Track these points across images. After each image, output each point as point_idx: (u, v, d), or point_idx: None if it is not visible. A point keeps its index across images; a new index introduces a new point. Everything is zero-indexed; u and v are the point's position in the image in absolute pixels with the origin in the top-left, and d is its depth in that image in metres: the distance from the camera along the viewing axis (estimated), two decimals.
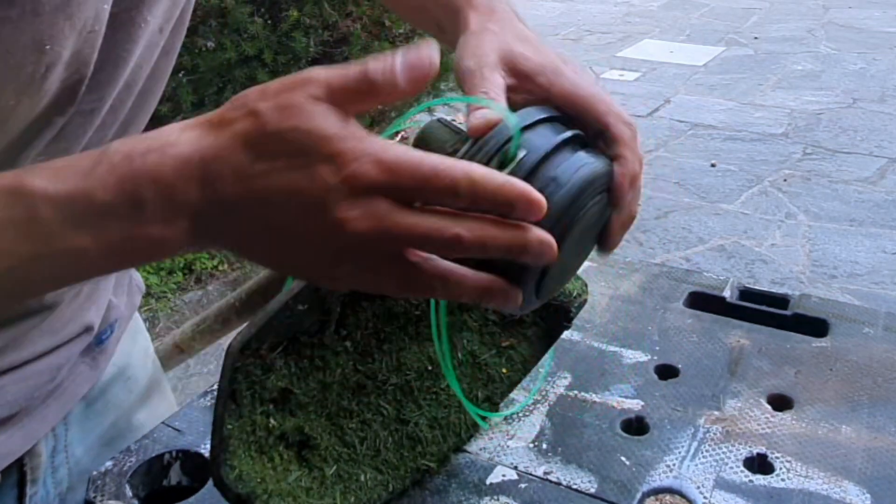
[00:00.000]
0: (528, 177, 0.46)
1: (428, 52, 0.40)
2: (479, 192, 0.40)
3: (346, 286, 0.45)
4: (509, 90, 0.51)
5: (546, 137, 0.47)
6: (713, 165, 3.91)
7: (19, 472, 0.66)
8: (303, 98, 0.39)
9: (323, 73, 0.40)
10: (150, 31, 0.53)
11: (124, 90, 0.54)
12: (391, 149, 0.39)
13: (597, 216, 0.51)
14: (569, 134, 0.49)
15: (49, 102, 0.47)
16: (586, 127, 0.51)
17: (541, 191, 0.44)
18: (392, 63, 0.40)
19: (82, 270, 0.42)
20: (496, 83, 0.50)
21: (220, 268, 2.85)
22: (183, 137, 0.40)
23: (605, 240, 0.53)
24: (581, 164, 0.47)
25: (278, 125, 0.38)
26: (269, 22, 2.71)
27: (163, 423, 0.74)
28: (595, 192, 0.49)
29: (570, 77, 0.52)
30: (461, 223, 0.41)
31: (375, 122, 3.34)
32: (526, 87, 0.52)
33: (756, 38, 6.24)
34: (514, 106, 0.50)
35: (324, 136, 0.38)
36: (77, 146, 0.54)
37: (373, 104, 0.41)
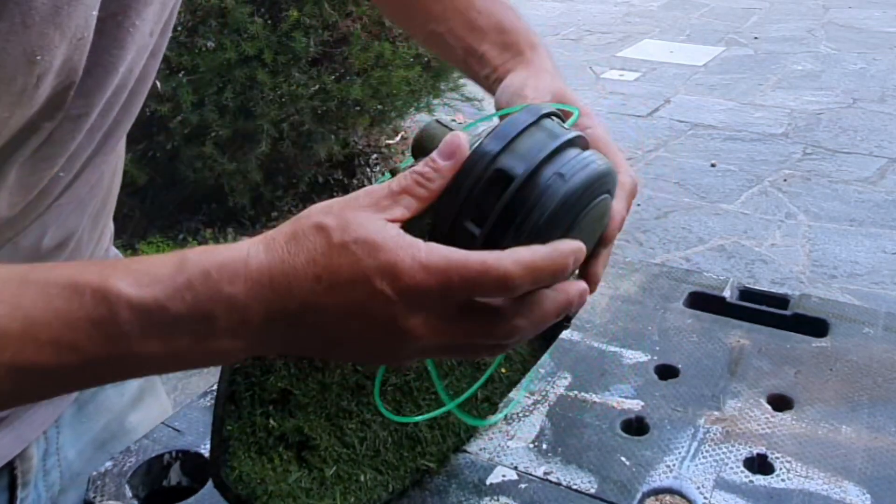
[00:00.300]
0: (535, 172, 0.45)
1: (457, 136, 0.45)
2: (537, 276, 0.43)
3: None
4: None
5: (551, 135, 0.47)
6: (713, 165, 3.91)
7: (10, 475, 0.65)
8: (365, 212, 0.42)
9: (384, 187, 0.44)
10: (140, 35, 0.53)
11: (114, 94, 0.54)
12: (435, 255, 0.41)
13: (599, 216, 0.51)
14: (574, 134, 0.49)
15: (38, 110, 0.47)
16: None
17: (545, 185, 0.45)
18: (433, 158, 0.45)
19: (144, 371, 0.44)
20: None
21: None
22: (253, 258, 0.42)
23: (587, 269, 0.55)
24: (587, 163, 0.47)
25: (342, 238, 0.41)
26: (269, 22, 2.71)
27: (163, 423, 0.74)
28: (599, 190, 0.49)
29: (601, 128, 0.58)
30: (517, 316, 0.44)
31: (375, 123, 3.35)
32: None
33: (756, 38, 6.24)
34: None
35: (379, 247, 0.41)
36: (65, 151, 0.53)
37: (420, 199, 0.44)
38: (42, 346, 0.39)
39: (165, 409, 0.84)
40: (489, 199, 0.45)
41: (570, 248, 0.44)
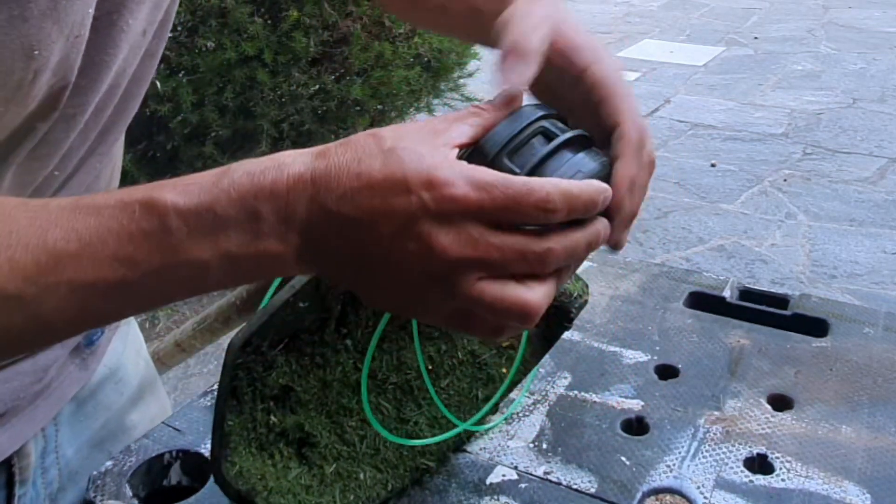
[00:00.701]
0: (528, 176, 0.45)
1: (515, 92, 0.46)
2: (573, 203, 0.43)
3: (436, 320, 0.46)
4: (546, 62, 0.52)
5: (534, 147, 0.47)
6: (713, 165, 3.91)
7: (8, 472, 0.65)
8: (421, 127, 0.43)
9: (438, 117, 0.45)
10: (133, 34, 0.53)
11: (107, 94, 0.54)
12: (481, 171, 0.42)
13: None
14: (569, 135, 0.48)
15: (33, 109, 0.47)
16: (601, 119, 0.51)
17: None
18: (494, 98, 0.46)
19: (202, 282, 0.43)
20: (535, 49, 0.51)
21: None
22: (298, 159, 0.42)
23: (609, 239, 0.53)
24: (577, 171, 0.47)
25: (392, 144, 0.42)
26: (269, 22, 2.71)
27: (163, 422, 0.74)
28: None
29: (606, 65, 0.53)
30: (550, 237, 0.43)
31: (375, 123, 3.34)
32: (561, 63, 0.53)
33: (756, 38, 6.24)
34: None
35: (421, 160, 0.41)
36: (58, 151, 0.53)
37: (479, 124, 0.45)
38: (99, 263, 0.41)
39: (165, 408, 0.84)
40: None
41: (602, 186, 0.45)
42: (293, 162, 0.42)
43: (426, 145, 0.42)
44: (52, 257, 0.40)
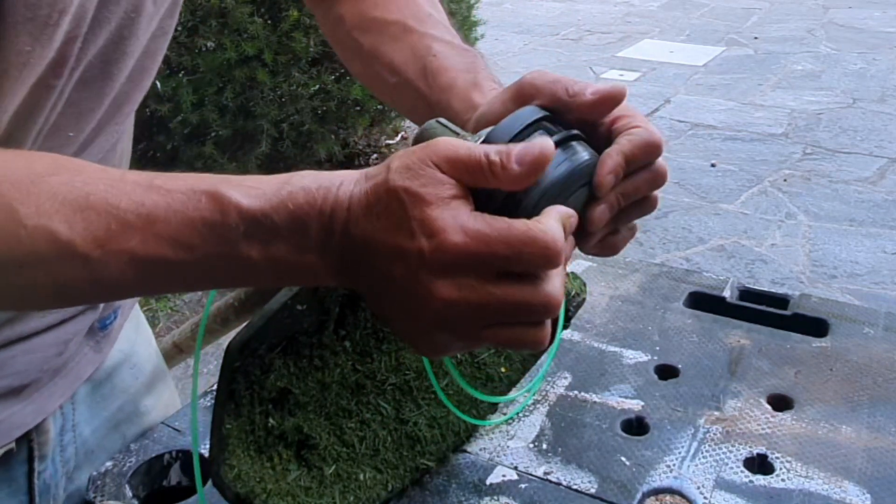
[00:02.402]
0: None
1: (541, 145, 0.44)
2: (564, 249, 0.43)
3: (448, 353, 0.48)
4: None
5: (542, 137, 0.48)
6: (713, 165, 3.91)
7: (28, 448, 0.67)
8: (420, 162, 0.43)
9: (449, 145, 0.44)
10: (148, 2, 0.55)
11: (118, 58, 0.55)
12: (479, 219, 0.42)
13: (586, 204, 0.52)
14: (568, 133, 0.49)
15: (53, 57, 0.49)
16: (594, 114, 0.53)
17: (525, 189, 0.45)
18: (509, 156, 0.44)
19: (248, 277, 0.46)
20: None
21: None
22: (348, 180, 0.45)
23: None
24: (560, 161, 0.48)
25: (394, 182, 0.43)
26: (269, 22, 2.71)
27: (162, 422, 0.74)
28: (579, 184, 0.49)
29: (574, 81, 0.55)
30: (547, 284, 0.43)
31: (375, 123, 3.35)
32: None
33: (756, 38, 6.24)
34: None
35: (423, 201, 0.42)
36: (76, 115, 0.55)
37: (485, 185, 0.44)
38: (161, 241, 0.44)
39: (175, 398, 0.87)
40: (488, 198, 0.46)
41: (568, 211, 0.46)
42: (343, 182, 0.45)
43: (427, 187, 0.42)
44: (121, 225, 0.43)
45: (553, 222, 0.43)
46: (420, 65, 0.66)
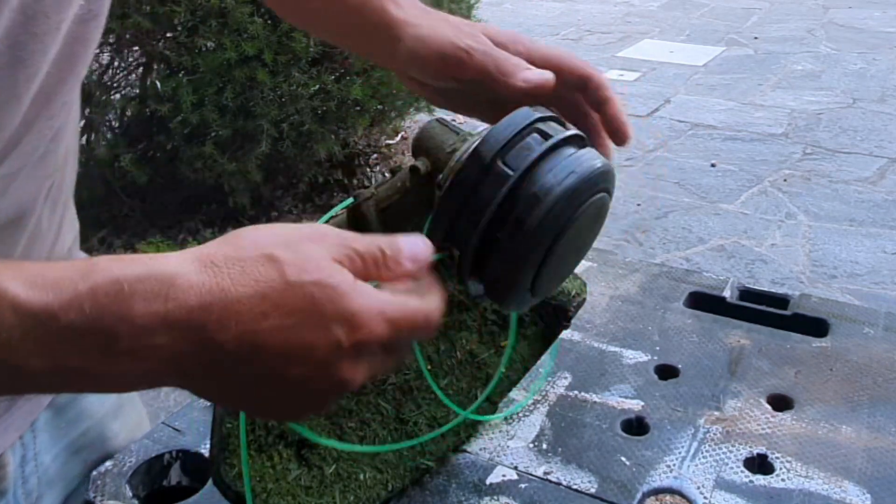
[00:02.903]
0: (514, 189, 0.46)
1: (422, 244, 0.43)
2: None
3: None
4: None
5: (530, 147, 0.48)
6: (713, 165, 3.90)
7: None
8: (322, 252, 0.39)
9: (340, 235, 0.41)
10: None
11: (43, 43, 0.50)
12: (394, 303, 0.40)
13: (594, 215, 0.51)
14: (565, 134, 0.49)
15: None
16: (567, 82, 0.55)
17: (533, 194, 0.45)
18: (399, 252, 0.42)
19: (31, 387, 0.39)
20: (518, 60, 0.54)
21: None
22: (183, 273, 0.37)
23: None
24: (570, 172, 0.47)
25: (299, 277, 0.38)
26: (269, 22, 2.71)
27: (162, 422, 0.74)
28: (590, 193, 0.49)
29: (537, 43, 0.57)
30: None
31: (375, 123, 3.34)
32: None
33: (756, 38, 6.24)
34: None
35: (341, 294, 0.38)
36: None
37: (376, 278, 0.42)
38: None
39: (143, 420, 0.82)
40: (486, 199, 0.46)
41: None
42: (175, 279, 0.36)
43: (333, 276, 0.39)
44: None
45: (438, 298, 0.43)
46: None
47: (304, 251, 0.39)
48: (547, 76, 0.54)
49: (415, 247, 0.43)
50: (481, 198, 0.46)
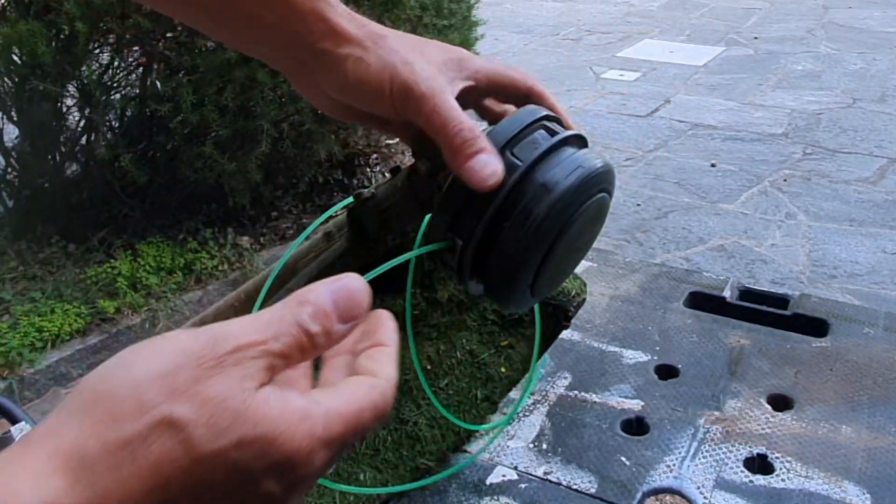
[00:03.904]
0: (523, 179, 0.46)
1: (356, 283, 0.35)
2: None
3: None
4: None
5: (537, 141, 0.48)
6: (713, 165, 3.90)
7: None
8: (234, 386, 0.30)
9: (243, 340, 0.31)
10: None
11: None
12: (333, 417, 0.32)
13: (594, 216, 0.51)
14: (569, 133, 0.49)
15: None
16: (515, 98, 0.54)
17: (542, 185, 0.45)
18: (326, 318, 0.34)
19: None
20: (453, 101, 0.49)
21: (220, 268, 2.85)
22: (45, 496, 0.26)
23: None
24: (577, 166, 0.47)
25: (214, 444, 0.28)
26: None
27: None
28: (593, 190, 0.49)
29: (483, 61, 0.54)
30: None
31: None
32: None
33: (756, 38, 6.24)
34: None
35: (270, 442, 0.30)
36: None
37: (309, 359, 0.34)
38: None
39: None
40: (486, 199, 0.46)
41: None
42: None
43: (258, 418, 0.30)
44: None
45: (392, 352, 0.37)
46: None
47: (208, 394, 0.29)
48: (498, 174, 0.46)
49: (347, 299, 0.34)
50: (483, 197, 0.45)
